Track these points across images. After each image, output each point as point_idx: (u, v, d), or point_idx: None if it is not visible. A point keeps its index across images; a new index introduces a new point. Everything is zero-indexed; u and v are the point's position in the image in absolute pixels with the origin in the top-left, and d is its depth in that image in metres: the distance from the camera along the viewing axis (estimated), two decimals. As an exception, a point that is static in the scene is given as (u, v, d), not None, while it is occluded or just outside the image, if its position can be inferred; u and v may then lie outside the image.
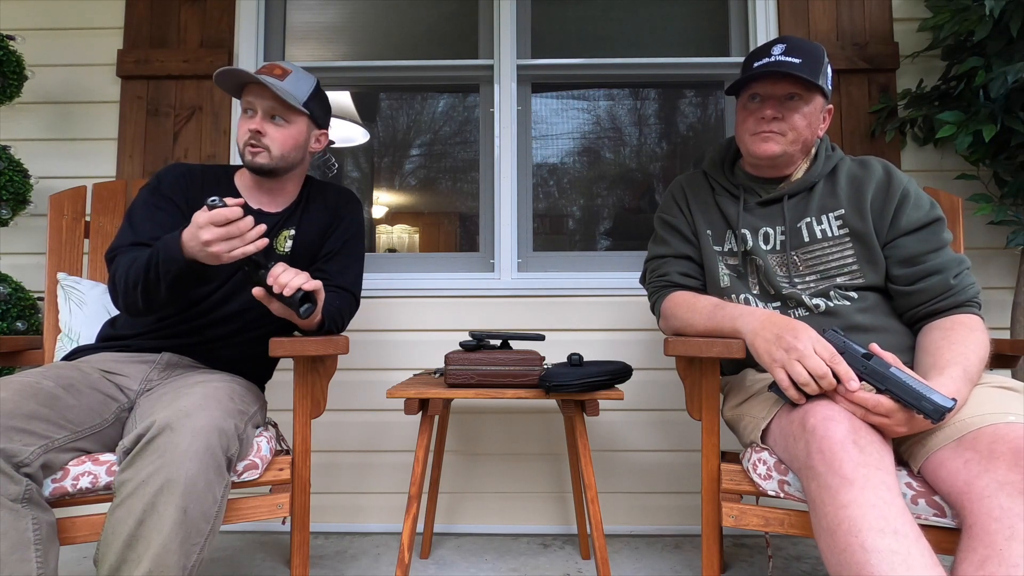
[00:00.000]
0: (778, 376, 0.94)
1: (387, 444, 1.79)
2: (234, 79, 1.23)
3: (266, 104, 1.22)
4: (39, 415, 0.96)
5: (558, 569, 1.50)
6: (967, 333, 0.98)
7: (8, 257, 1.82)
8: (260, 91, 1.22)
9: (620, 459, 1.78)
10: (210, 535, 0.92)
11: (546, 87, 1.97)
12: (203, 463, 0.91)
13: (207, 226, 0.98)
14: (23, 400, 0.96)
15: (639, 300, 1.79)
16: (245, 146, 1.22)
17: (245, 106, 1.23)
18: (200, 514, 0.89)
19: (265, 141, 1.22)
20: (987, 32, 1.50)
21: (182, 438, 0.91)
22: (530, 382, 1.18)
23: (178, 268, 1.04)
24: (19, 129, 1.85)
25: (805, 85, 1.09)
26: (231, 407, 1.03)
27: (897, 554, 0.72)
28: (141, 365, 1.19)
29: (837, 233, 1.13)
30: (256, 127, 1.21)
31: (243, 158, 1.24)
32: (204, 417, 0.95)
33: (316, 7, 1.99)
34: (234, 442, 0.99)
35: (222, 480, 0.95)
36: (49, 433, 0.96)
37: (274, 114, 1.23)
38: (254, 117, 1.23)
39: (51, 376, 1.05)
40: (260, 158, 1.22)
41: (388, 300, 1.80)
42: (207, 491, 0.91)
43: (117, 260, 1.14)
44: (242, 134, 1.23)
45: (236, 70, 1.20)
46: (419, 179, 2.03)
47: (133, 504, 0.86)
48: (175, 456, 0.89)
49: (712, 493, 1.08)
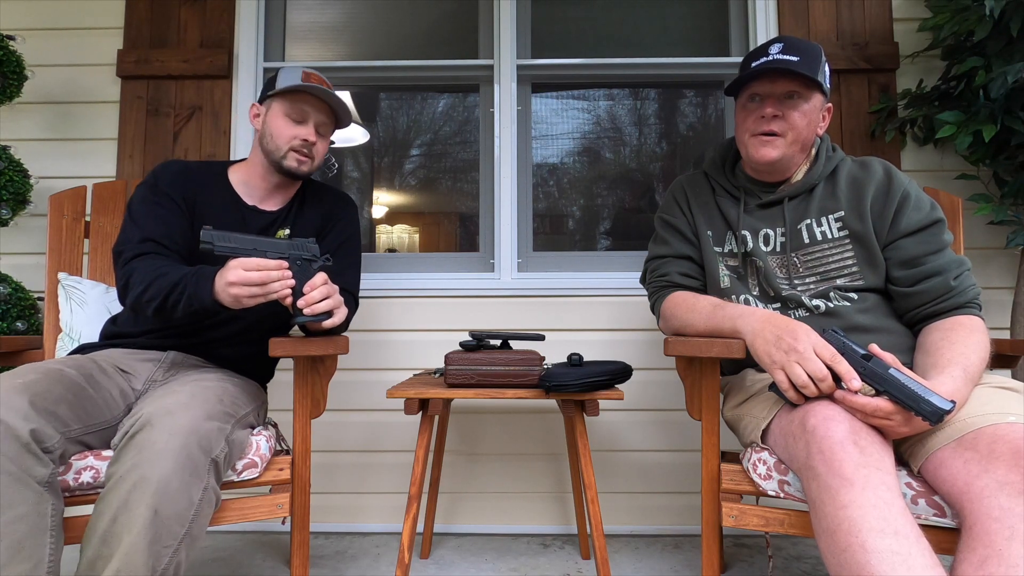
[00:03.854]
0: (777, 378, 0.94)
1: (387, 444, 1.79)
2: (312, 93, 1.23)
3: (320, 117, 1.26)
4: (64, 401, 0.97)
5: (558, 569, 1.50)
6: (967, 334, 0.98)
7: (8, 257, 1.82)
8: (317, 103, 1.25)
9: (620, 459, 1.78)
10: (186, 538, 0.89)
11: (546, 87, 1.97)
12: (178, 463, 0.89)
13: (236, 269, 1.01)
14: (53, 384, 0.97)
15: (639, 300, 1.79)
16: (290, 151, 1.24)
17: (295, 113, 1.24)
18: (173, 515, 0.87)
19: (314, 152, 1.27)
20: (987, 32, 1.50)
21: (159, 435, 0.90)
22: (530, 382, 1.18)
23: (201, 305, 1.06)
24: (19, 129, 1.85)
25: (804, 83, 1.09)
26: (217, 409, 1.01)
27: (897, 554, 0.72)
28: (147, 363, 1.20)
29: (837, 235, 1.12)
30: (312, 138, 1.24)
31: (282, 160, 1.25)
32: (185, 416, 0.94)
33: (316, 7, 1.99)
34: (217, 444, 0.97)
35: (200, 482, 0.92)
36: (69, 422, 0.96)
37: (320, 128, 1.27)
38: (306, 125, 1.25)
39: (73, 365, 1.05)
40: (305, 167, 1.26)
41: (388, 300, 1.80)
42: (181, 492, 0.88)
43: (134, 264, 1.13)
44: (290, 138, 1.24)
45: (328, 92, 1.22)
46: (419, 179, 2.03)
47: (111, 499, 0.86)
48: (151, 454, 0.88)
49: (712, 493, 1.08)
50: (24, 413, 0.89)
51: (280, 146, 1.24)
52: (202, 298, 1.05)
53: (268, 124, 1.25)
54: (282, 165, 1.25)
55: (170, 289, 1.07)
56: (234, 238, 1.06)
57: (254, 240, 1.08)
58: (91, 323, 1.39)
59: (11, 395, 0.90)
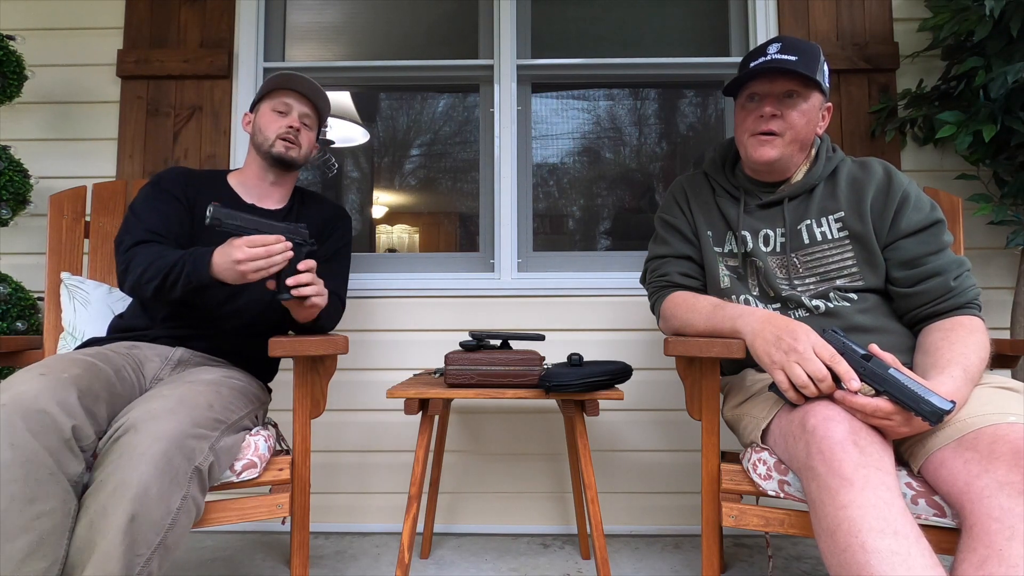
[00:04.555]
0: (777, 378, 0.94)
1: (387, 444, 1.79)
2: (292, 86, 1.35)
3: (303, 110, 1.37)
4: (101, 398, 0.97)
5: (558, 569, 1.50)
6: (967, 334, 0.98)
7: (8, 257, 1.82)
8: (299, 97, 1.36)
9: (620, 459, 1.78)
10: (160, 547, 0.87)
11: (546, 87, 1.97)
12: (158, 468, 0.87)
13: (241, 247, 1.07)
14: (93, 380, 0.97)
15: (639, 300, 1.79)
16: (278, 139, 1.33)
17: (279, 107, 1.35)
18: (149, 523, 0.85)
19: (300, 139, 1.36)
20: (987, 32, 1.50)
21: (141, 440, 0.88)
22: (530, 382, 1.18)
23: (199, 282, 1.11)
24: (19, 129, 1.85)
25: (803, 81, 1.09)
26: (205, 415, 0.99)
27: (897, 555, 0.72)
28: (155, 359, 1.21)
29: (837, 235, 1.12)
30: (296, 124, 1.34)
31: (271, 149, 1.33)
32: (169, 422, 0.92)
33: (316, 7, 1.99)
34: (201, 452, 0.95)
35: (180, 490, 0.90)
36: (102, 421, 0.96)
37: (305, 120, 1.37)
38: (289, 115, 1.35)
39: (101, 359, 1.05)
40: (293, 152, 1.35)
41: (388, 300, 1.80)
42: (159, 500, 0.87)
43: (136, 250, 1.19)
44: (276, 127, 1.33)
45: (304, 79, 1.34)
46: (419, 179, 2.03)
47: (89, 504, 0.85)
48: (131, 459, 0.87)
49: (712, 493, 1.08)
50: (70, 409, 0.89)
51: (269, 136, 1.33)
52: (200, 274, 1.10)
53: (257, 123, 1.37)
54: (271, 153, 1.33)
55: (169, 268, 1.12)
56: (240, 217, 1.12)
57: (257, 221, 1.14)
58: (94, 323, 1.39)
59: (62, 388, 0.90)
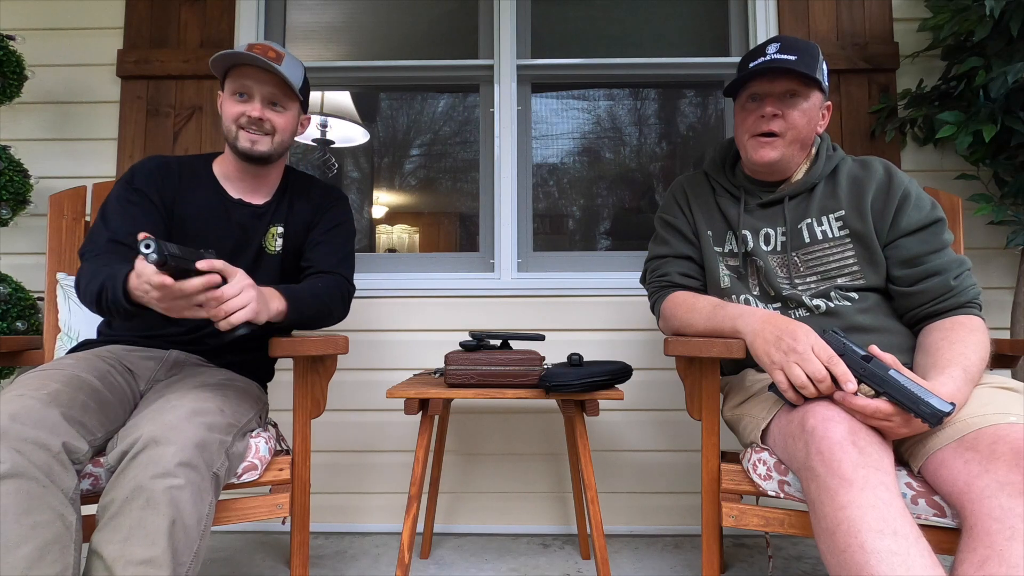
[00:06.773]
0: (776, 378, 0.94)
1: (387, 444, 1.79)
2: (234, 62, 1.16)
3: (266, 90, 1.17)
4: (88, 409, 0.95)
5: (558, 569, 1.50)
6: (967, 334, 0.98)
7: (8, 257, 1.82)
8: (259, 75, 1.16)
9: (620, 459, 1.78)
10: (196, 556, 0.88)
11: (546, 87, 1.97)
12: (187, 479, 0.88)
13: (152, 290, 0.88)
14: (76, 392, 0.95)
15: (639, 300, 1.79)
16: (239, 130, 1.17)
17: (238, 89, 1.16)
18: (185, 532, 0.86)
19: (267, 128, 1.18)
20: (987, 32, 1.50)
21: (164, 453, 0.88)
22: (530, 382, 1.18)
23: (126, 311, 0.97)
24: (19, 129, 1.85)
25: (803, 81, 1.09)
26: (219, 421, 0.99)
27: (897, 555, 0.72)
28: (149, 362, 1.18)
29: (837, 234, 1.12)
30: (258, 114, 1.16)
31: (235, 144, 1.18)
32: (188, 431, 0.92)
33: (316, 7, 1.99)
34: (218, 457, 0.95)
35: (207, 497, 0.91)
36: (94, 430, 0.95)
37: (275, 100, 1.18)
38: (250, 102, 1.17)
39: (87, 368, 1.03)
40: (261, 146, 1.18)
41: (388, 300, 1.80)
42: (193, 509, 0.87)
43: (83, 267, 1.08)
44: (235, 116, 1.17)
45: (241, 53, 1.13)
46: (419, 179, 2.03)
47: (120, 523, 0.83)
48: (160, 471, 0.86)
49: (712, 493, 1.08)
50: (54, 427, 0.87)
51: (229, 127, 1.18)
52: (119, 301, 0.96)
53: (221, 108, 1.20)
54: (236, 147, 1.18)
55: (97, 295, 1.00)
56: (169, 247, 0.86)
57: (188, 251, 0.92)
58: (90, 323, 1.39)
59: (41, 409, 0.88)
